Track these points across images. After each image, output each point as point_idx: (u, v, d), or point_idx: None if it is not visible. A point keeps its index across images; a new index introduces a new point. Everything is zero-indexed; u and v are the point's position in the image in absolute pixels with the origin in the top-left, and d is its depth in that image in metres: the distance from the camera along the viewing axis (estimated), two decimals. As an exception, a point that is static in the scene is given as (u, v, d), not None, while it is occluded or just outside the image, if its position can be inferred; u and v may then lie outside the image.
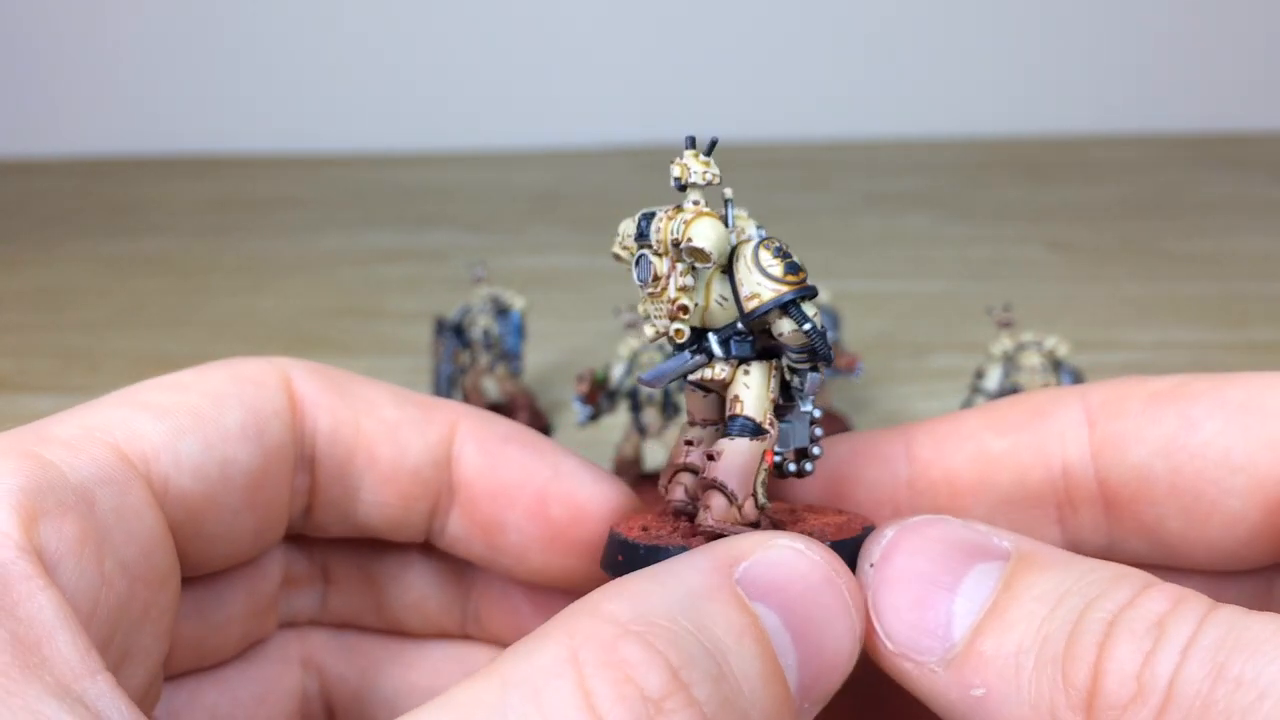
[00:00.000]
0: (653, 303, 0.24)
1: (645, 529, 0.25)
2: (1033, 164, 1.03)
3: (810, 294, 0.23)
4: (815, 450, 0.26)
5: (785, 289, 0.23)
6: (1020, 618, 0.20)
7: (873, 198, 0.95)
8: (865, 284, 0.77)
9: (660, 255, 0.23)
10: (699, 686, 0.18)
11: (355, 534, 0.28)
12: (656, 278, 0.23)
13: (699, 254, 0.23)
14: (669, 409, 0.52)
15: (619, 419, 0.52)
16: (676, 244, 0.23)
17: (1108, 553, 0.26)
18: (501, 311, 0.59)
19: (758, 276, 0.23)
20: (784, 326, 0.23)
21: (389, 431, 0.26)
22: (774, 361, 0.24)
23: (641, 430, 0.52)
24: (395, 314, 0.75)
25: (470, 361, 0.59)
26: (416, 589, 0.29)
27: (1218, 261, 0.80)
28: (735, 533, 0.23)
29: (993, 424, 0.27)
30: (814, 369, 0.24)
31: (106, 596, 0.20)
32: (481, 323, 0.59)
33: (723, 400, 0.25)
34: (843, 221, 0.89)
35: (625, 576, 0.20)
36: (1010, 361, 0.51)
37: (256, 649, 0.28)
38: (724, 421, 0.24)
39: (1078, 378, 0.50)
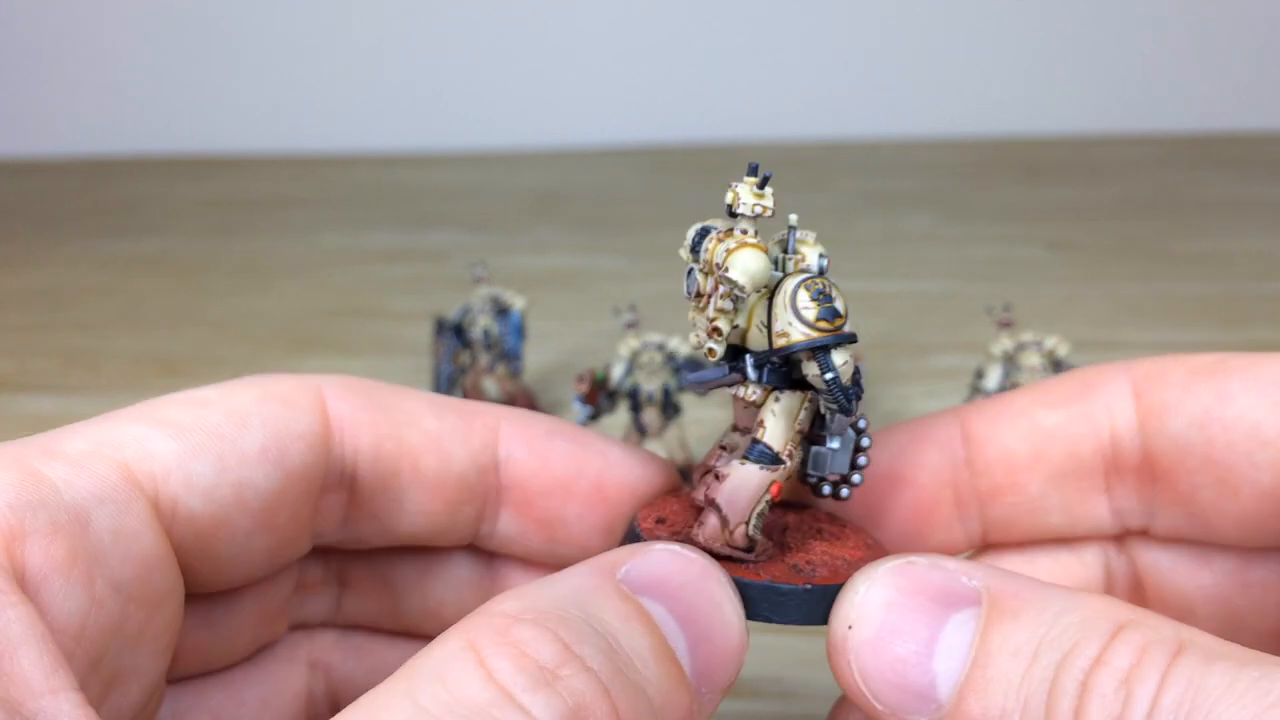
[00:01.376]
0: (696, 316, 0.24)
1: (661, 520, 0.25)
2: (1033, 164, 1.03)
3: (845, 341, 0.23)
4: (856, 478, 0.26)
5: (815, 334, 0.22)
6: (1000, 676, 0.20)
7: (873, 198, 0.95)
8: (865, 284, 0.77)
9: (705, 274, 0.23)
10: (592, 658, 0.19)
11: (396, 544, 0.28)
12: (699, 294, 0.24)
13: (734, 285, 0.23)
14: (669, 409, 0.52)
15: (619, 419, 0.52)
16: (718, 268, 0.23)
17: (1149, 525, 0.27)
18: (501, 311, 0.59)
19: (790, 316, 0.23)
20: (810, 370, 0.23)
21: (432, 443, 0.26)
22: (808, 392, 0.24)
23: (641, 430, 0.52)
24: (395, 314, 0.75)
25: (470, 361, 0.59)
26: (435, 593, 0.29)
27: (1218, 261, 0.80)
28: (724, 554, 0.23)
29: (1043, 399, 0.27)
30: (844, 410, 0.24)
31: (96, 617, 0.20)
32: (481, 323, 0.59)
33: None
34: (843, 221, 0.89)
35: (519, 585, 0.21)
36: (1010, 361, 0.51)
37: (265, 651, 0.28)
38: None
39: (1078, 378, 0.50)
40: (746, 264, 0.22)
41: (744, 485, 0.24)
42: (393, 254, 0.86)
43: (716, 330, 0.23)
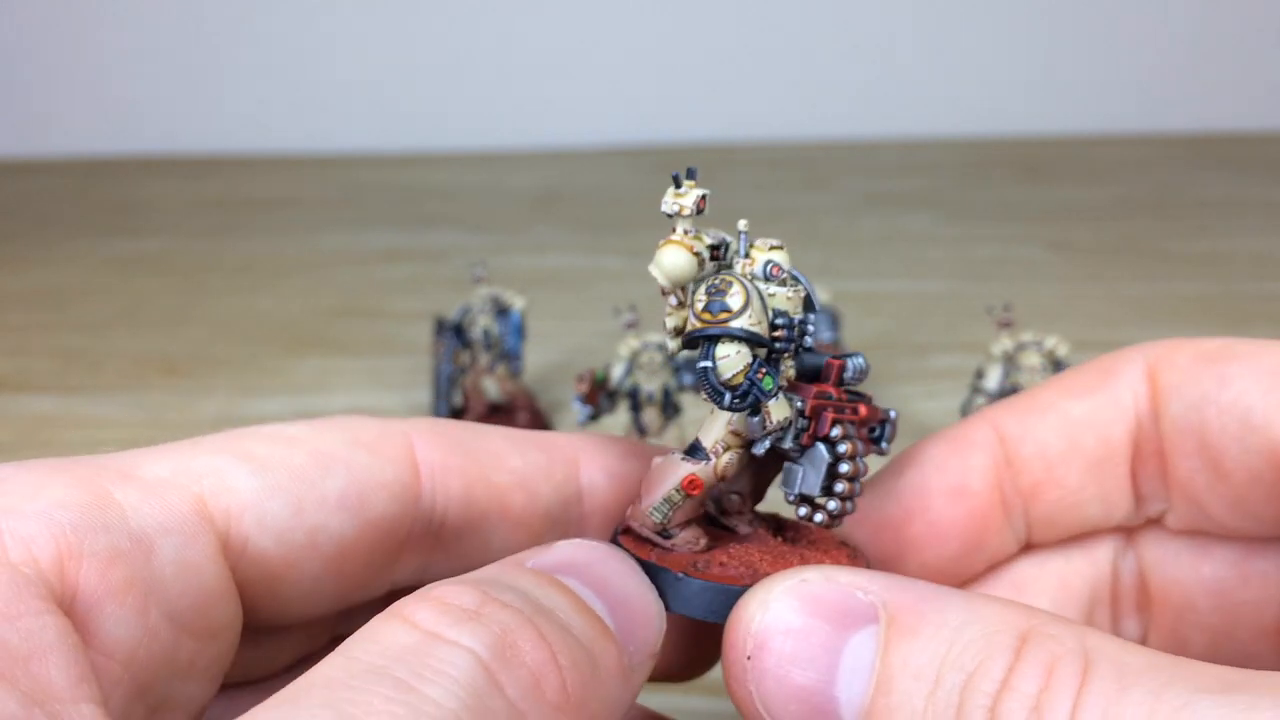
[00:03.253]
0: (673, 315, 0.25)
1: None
2: (1033, 164, 1.03)
3: (726, 335, 0.23)
4: (832, 505, 0.25)
5: (698, 324, 0.23)
6: (903, 703, 0.20)
7: (873, 198, 0.95)
8: (865, 284, 0.77)
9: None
10: (511, 600, 0.20)
11: None
12: (663, 293, 0.24)
13: (656, 279, 0.24)
14: (669, 409, 0.52)
15: (619, 419, 0.52)
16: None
17: (1164, 513, 0.27)
18: (501, 311, 0.59)
19: (690, 310, 0.24)
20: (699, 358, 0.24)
21: (519, 482, 0.27)
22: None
23: (641, 430, 0.52)
24: (395, 314, 0.75)
25: (470, 361, 0.59)
26: None
27: (1218, 261, 0.80)
28: (641, 533, 0.25)
29: (1069, 391, 0.27)
30: (754, 412, 0.24)
31: (148, 646, 0.20)
32: (481, 323, 0.59)
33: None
34: (843, 221, 0.89)
35: None
36: (1010, 361, 0.51)
37: (304, 661, 0.28)
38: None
39: (1078, 378, 0.50)
40: (663, 260, 0.23)
41: (661, 472, 0.25)
42: (393, 254, 0.86)
43: (676, 330, 0.24)
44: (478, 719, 0.18)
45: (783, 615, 0.21)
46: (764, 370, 0.23)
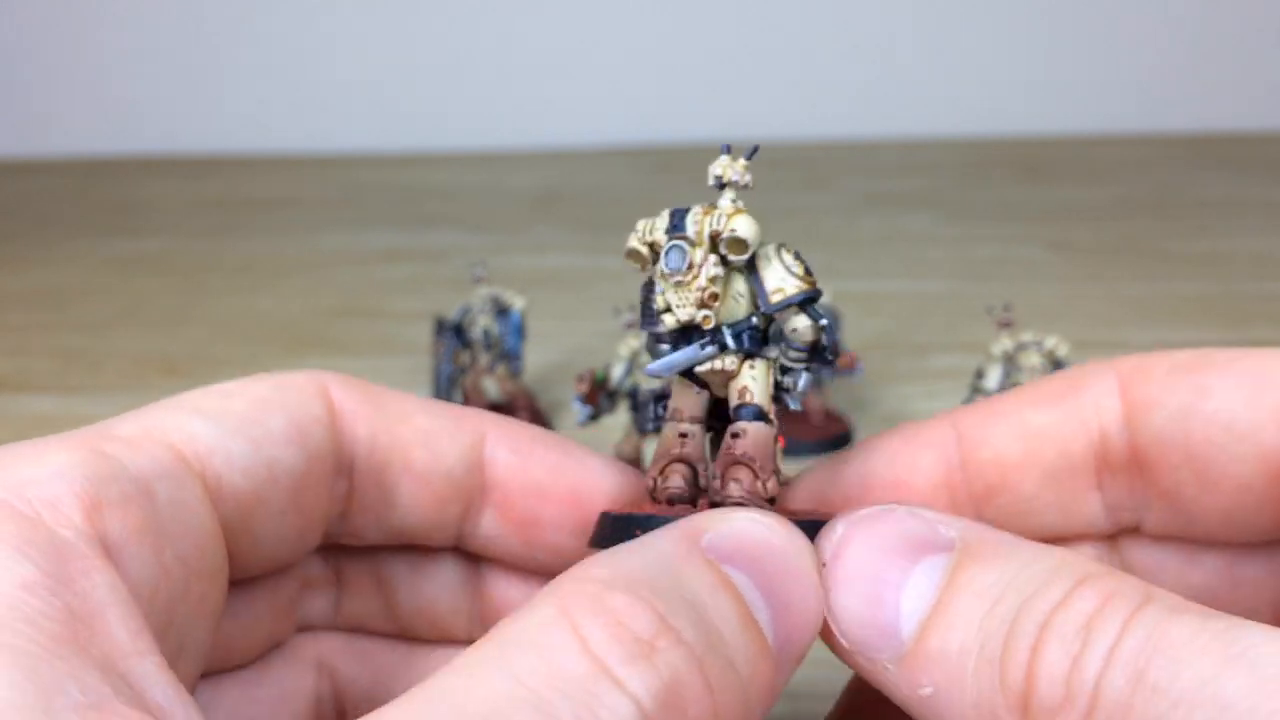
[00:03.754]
0: (678, 292, 0.25)
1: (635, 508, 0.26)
2: (1033, 164, 1.03)
3: (819, 296, 0.25)
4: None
5: (806, 286, 0.25)
6: (962, 616, 0.21)
7: (873, 198, 0.95)
8: (865, 284, 0.77)
9: (695, 246, 0.25)
10: (686, 630, 0.19)
11: (390, 541, 0.28)
12: (691, 266, 0.25)
13: (739, 245, 0.24)
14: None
15: (619, 419, 0.52)
16: (715, 236, 0.24)
17: (1141, 522, 0.27)
18: (501, 311, 0.59)
19: (782, 273, 0.25)
20: (799, 322, 0.25)
21: (423, 438, 0.27)
22: (770, 360, 0.26)
23: (642, 430, 0.52)
24: (395, 314, 0.75)
25: (470, 361, 0.59)
26: (426, 593, 0.30)
27: (1218, 261, 0.80)
28: (759, 506, 0.24)
29: (1033, 400, 0.28)
30: (808, 369, 0.25)
31: (165, 586, 0.21)
32: (481, 323, 0.59)
33: (712, 399, 0.26)
34: (843, 221, 0.89)
35: (605, 551, 0.22)
36: (1010, 361, 0.51)
37: (274, 652, 0.28)
38: (706, 418, 0.26)
39: (1078, 378, 0.50)
40: (748, 225, 0.24)
41: (764, 440, 0.25)
42: (393, 254, 0.86)
43: (714, 296, 0.25)
44: None
45: (864, 532, 0.22)
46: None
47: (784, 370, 0.26)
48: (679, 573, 0.21)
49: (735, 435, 0.25)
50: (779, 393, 0.26)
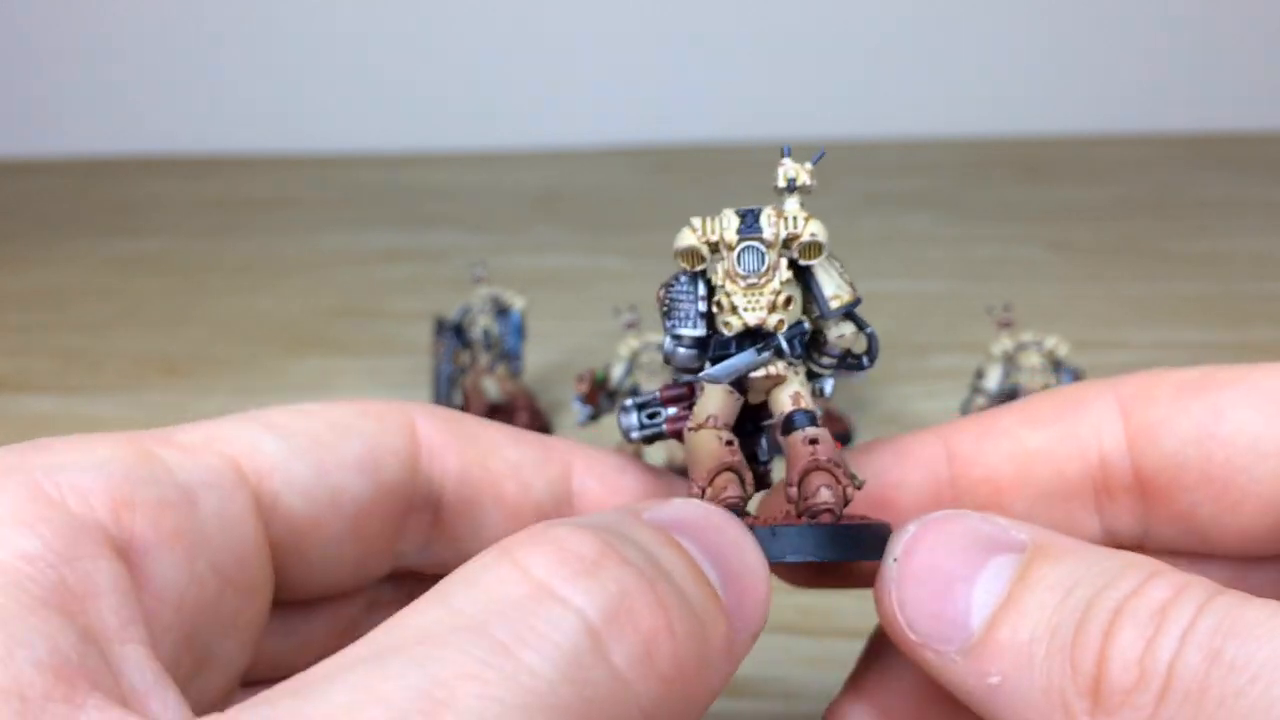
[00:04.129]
0: (749, 294, 0.25)
1: None
2: (1033, 164, 1.03)
3: (860, 304, 0.26)
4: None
5: (855, 295, 0.26)
6: (1033, 607, 0.21)
7: (873, 198, 0.95)
8: (865, 284, 0.76)
9: (770, 248, 0.25)
10: (634, 558, 0.19)
11: None
12: (767, 269, 0.25)
13: (816, 249, 0.25)
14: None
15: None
16: (789, 240, 0.25)
17: (1143, 541, 0.27)
18: (501, 311, 0.59)
19: (838, 280, 0.26)
20: (845, 329, 0.26)
21: (513, 471, 0.27)
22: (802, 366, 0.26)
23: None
24: (395, 314, 0.75)
25: (470, 361, 0.59)
26: None
27: (1218, 261, 0.80)
28: (839, 510, 0.24)
29: (1028, 420, 0.27)
30: (832, 375, 0.26)
31: (195, 593, 0.21)
32: (481, 323, 0.59)
33: (748, 404, 0.26)
34: (843, 221, 0.89)
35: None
36: (1010, 361, 0.51)
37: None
38: (738, 424, 0.26)
39: (1078, 377, 0.50)
40: (824, 230, 0.25)
41: (832, 445, 0.25)
42: (393, 254, 0.86)
43: (787, 300, 0.25)
44: (577, 690, 0.17)
45: (938, 532, 0.23)
46: None
47: (811, 375, 0.26)
48: (626, 527, 0.21)
49: (813, 441, 0.25)
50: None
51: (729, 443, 0.25)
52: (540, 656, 0.17)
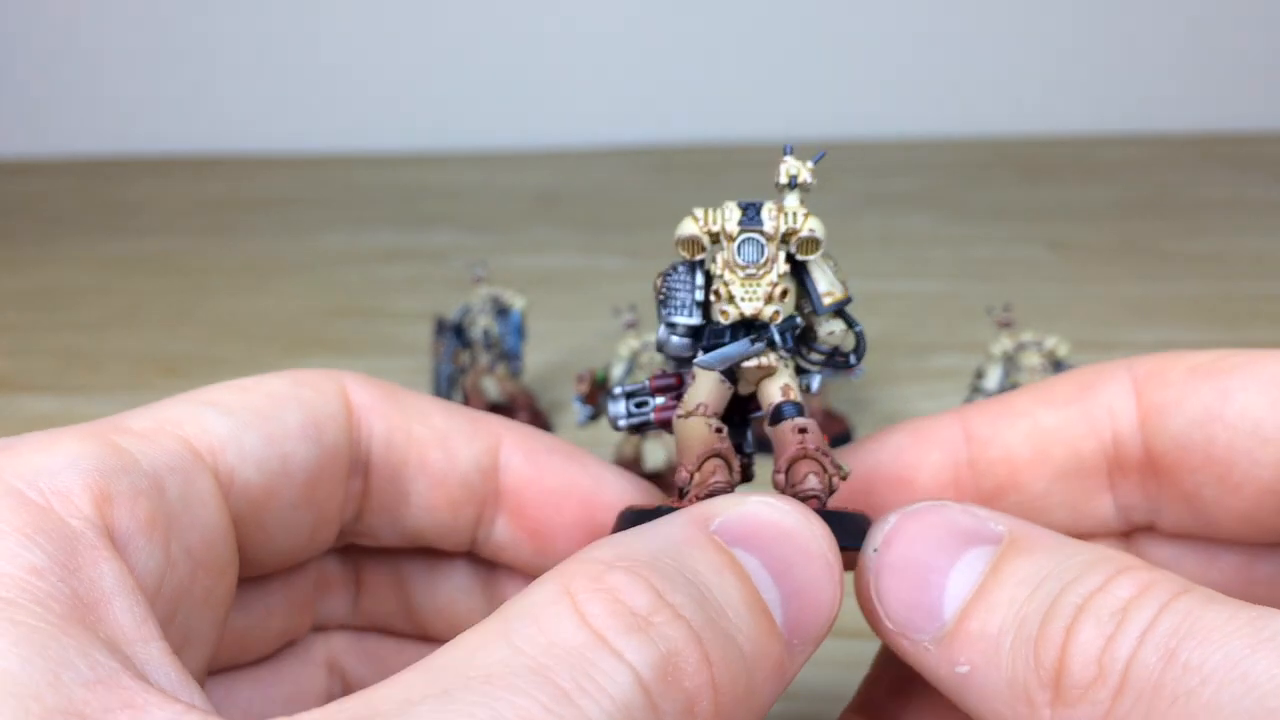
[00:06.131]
0: (747, 285, 0.26)
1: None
2: (1033, 164, 1.03)
3: (850, 302, 0.27)
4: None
5: (848, 294, 0.26)
6: (1003, 600, 0.21)
7: (873, 198, 0.95)
8: (865, 284, 0.76)
9: (770, 241, 0.26)
10: (684, 607, 0.20)
11: (404, 543, 0.29)
12: (766, 260, 0.26)
13: (814, 245, 0.26)
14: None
15: (619, 419, 0.52)
16: (788, 234, 0.25)
17: (1155, 522, 0.27)
18: (501, 311, 0.59)
19: (831, 277, 0.26)
20: (835, 325, 0.26)
21: (439, 438, 0.28)
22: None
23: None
24: (395, 314, 0.75)
25: (470, 361, 0.59)
26: (443, 595, 0.30)
27: (1218, 261, 0.80)
28: (825, 497, 0.25)
29: (1045, 399, 0.28)
30: (819, 371, 0.27)
31: (171, 578, 0.21)
32: (481, 323, 0.59)
33: (736, 397, 0.26)
34: (843, 221, 0.89)
35: (614, 534, 0.22)
36: (1010, 361, 0.51)
37: (287, 650, 0.29)
38: (725, 417, 0.26)
39: (1078, 378, 0.50)
40: (822, 227, 0.26)
41: (820, 435, 0.25)
42: (393, 254, 0.86)
43: (784, 292, 0.25)
44: None
45: (916, 522, 0.23)
46: None
47: (799, 371, 0.26)
48: (683, 554, 0.21)
49: (801, 430, 0.25)
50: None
51: (718, 430, 0.26)
52: (598, 707, 0.18)
